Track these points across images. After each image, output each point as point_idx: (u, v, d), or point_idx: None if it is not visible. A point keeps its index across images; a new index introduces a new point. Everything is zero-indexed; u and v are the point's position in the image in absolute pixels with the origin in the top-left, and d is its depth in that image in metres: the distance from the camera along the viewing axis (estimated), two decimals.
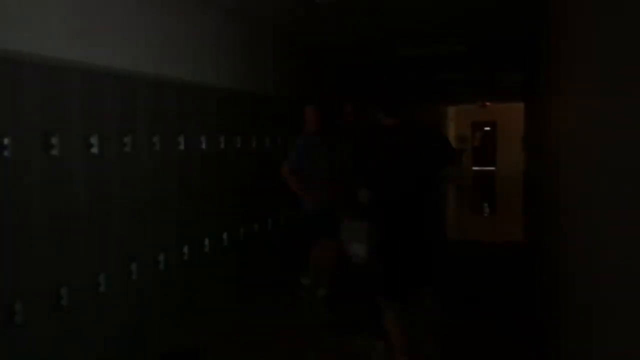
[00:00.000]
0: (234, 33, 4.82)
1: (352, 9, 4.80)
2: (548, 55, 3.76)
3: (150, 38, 3.68)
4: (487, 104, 17.86)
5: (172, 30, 3.93)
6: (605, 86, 1.61)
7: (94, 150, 3.17)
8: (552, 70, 3.40)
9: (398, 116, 3.09)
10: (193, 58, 4.19)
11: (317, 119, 4.45)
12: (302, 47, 6.41)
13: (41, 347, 2.83)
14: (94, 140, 3.17)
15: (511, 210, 10.12)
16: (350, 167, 3.51)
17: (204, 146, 4.29)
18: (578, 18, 2.29)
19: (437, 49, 6.79)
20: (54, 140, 2.89)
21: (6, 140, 2.61)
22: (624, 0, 1.38)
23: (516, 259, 5.87)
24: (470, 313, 4.10)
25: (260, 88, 5.24)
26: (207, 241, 4.33)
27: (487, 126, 20.34)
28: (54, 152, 2.89)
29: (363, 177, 3.13)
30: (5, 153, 2.62)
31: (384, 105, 3.10)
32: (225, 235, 4.58)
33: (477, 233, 8.16)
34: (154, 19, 3.72)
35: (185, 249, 4.06)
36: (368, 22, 5.42)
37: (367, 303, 3.74)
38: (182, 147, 4.02)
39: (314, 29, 5.68)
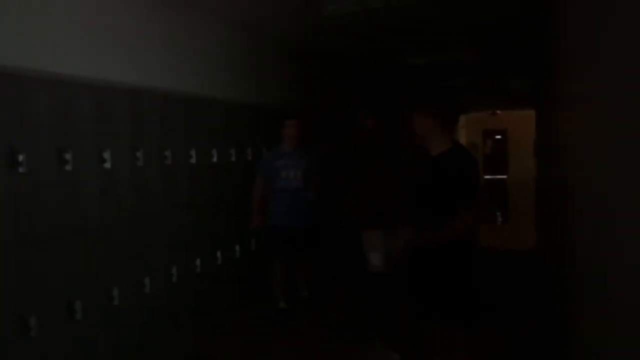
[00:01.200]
0: (243, 46, 4.87)
1: (358, 19, 4.83)
2: (558, 61, 3.75)
3: (160, 53, 3.73)
4: (498, 112, 17.77)
5: (182, 45, 3.98)
6: (618, 90, 1.60)
7: (107, 165, 3.21)
8: (563, 75, 3.39)
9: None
10: (203, 72, 4.24)
11: (297, 132, 4.27)
12: (311, 58, 6.45)
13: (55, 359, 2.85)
14: (106, 155, 3.21)
15: (524, 219, 10.01)
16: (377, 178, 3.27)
17: (214, 159, 4.32)
18: (584, 22, 2.28)
19: (445, 56, 6.80)
20: (67, 156, 2.93)
21: (21, 156, 2.66)
22: (628, 5, 1.38)
23: (530, 267, 5.80)
24: (487, 320, 4.05)
25: (270, 100, 5.27)
26: (219, 253, 4.34)
27: (498, 134, 20.22)
28: (68, 167, 2.93)
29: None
30: (20, 169, 2.66)
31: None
32: (237, 247, 4.59)
33: (490, 241, 8.09)
34: (163, 34, 3.77)
35: (198, 262, 4.08)
36: (375, 32, 5.44)
37: (384, 313, 3.63)
38: (193, 160, 4.05)
39: (321, 39, 5.71)
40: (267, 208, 4.28)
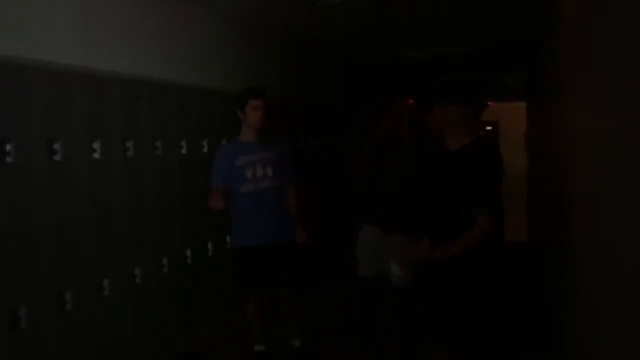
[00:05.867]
0: (238, 37, 4.83)
1: (353, 11, 4.80)
2: (552, 54, 3.75)
3: (152, 42, 3.69)
4: (489, 103, 17.84)
5: (174, 35, 3.93)
6: (612, 83, 1.60)
7: (97, 155, 3.18)
8: (558, 66, 3.38)
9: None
10: (195, 62, 4.20)
11: (264, 116, 3.27)
12: (306, 50, 6.41)
13: (45, 351, 2.83)
14: (96, 145, 3.17)
15: (515, 210, 10.04)
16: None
17: (205, 149, 4.29)
18: (578, 16, 2.28)
19: (439, 50, 6.78)
20: (57, 146, 2.89)
21: (9, 146, 2.62)
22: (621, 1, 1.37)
23: (522, 258, 5.84)
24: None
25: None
26: (210, 244, 4.33)
27: (489, 125, 20.30)
28: (57, 157, 2.89)
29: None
30: (8, 159, 2.62)
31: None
32: (228, 238, 4.57)
33: None
34: (156, 23, 3.73)
35: (188, 253, 4.06)
36: (368, 25, 5.41)
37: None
38: (184, 150, 4.02)
39: (317, 31, 5.67)
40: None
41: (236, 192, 3.25)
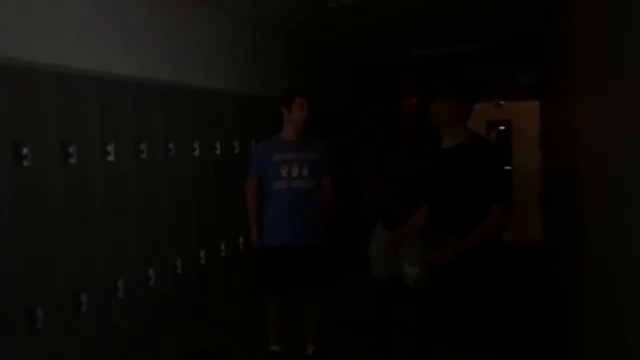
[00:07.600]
0: (248, 38, 4.85)
1: (362, 10, 4.79)
2: (565, 50, 3.71)
3: (164, 45, 3.72)
4: (502, 102, 17.67)
5: (186, 37, 3.96)
6: (628, 79, 1.58)
7: (111, 158, 3.21)
8: (571, 61, 3.34)
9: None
10: (207, 64, 4.23)
11: (308, 115, 3.27)
12: (316, 50, 6.42)
13: (61, 351, 2.86)
14: (110, 148, 3.21)
15: (528, 209, 9.95)
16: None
17: (218, 151, 4.31)
18: (592, 7, 2.25)
19: (450, 48, 6.74)
20: (72, 149, 2.93)
21: (25, 150, 2.66)
22: None
23: (537, 258, 5.78)
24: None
25: (274, 92, 5.24)
26: (223, 245, 4.35)
27: (502, 125, 20.12)
28: (72, 160, 2.93)
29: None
30: (25, 162, 2.66)
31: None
32: (241, 239, 4.58)
33: None
34: (167, 26, 3.76)
35: (202, 254, 4.08)
36: (378, 24, 5.40)
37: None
38: (197, 152, 4.05)
39: (326, 31, 5.68)
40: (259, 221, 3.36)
41: (270, 188, 3.28)
